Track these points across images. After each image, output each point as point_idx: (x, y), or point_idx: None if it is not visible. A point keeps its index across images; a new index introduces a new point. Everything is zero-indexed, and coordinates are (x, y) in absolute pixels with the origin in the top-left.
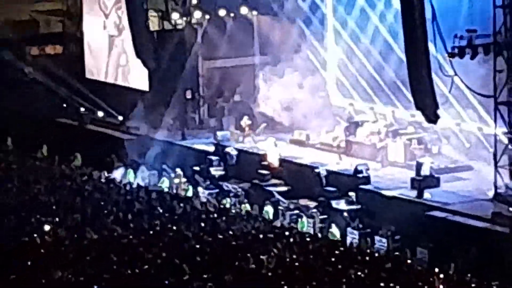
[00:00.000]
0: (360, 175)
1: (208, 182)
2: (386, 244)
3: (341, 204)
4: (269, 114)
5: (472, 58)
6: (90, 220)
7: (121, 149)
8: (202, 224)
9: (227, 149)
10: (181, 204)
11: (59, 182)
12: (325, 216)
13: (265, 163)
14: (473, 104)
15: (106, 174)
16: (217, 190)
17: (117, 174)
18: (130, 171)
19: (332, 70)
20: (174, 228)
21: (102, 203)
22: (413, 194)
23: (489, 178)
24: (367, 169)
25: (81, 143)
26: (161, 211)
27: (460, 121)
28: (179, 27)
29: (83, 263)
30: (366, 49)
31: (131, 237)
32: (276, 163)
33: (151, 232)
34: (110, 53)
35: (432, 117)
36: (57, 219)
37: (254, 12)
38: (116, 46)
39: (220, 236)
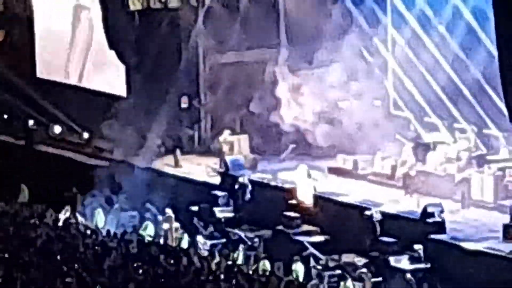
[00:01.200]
0: (431, 220)
1: (211, 229)
2: None
3: (403, 262)
4: (299, 131)
5: None
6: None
7: (86, 179)
8: None
9: (240, 181)
10: (172, 261)
11: None
12: (380, 279)
13: (294, 201)
14: None
15: (64, 215)
16: (223, 240)
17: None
18: (99, 212)
19: (393, 69)
20: None
21: (59, 258)
22: (506, 248)
23: None
24: (441, 212)
25: (29, 171)
26: (141, 270)
27: None
28: (172, 5)
29: None
30: (441, 39)
31: None
32: (309, 202)
33: None
34: (72, 42)
35: None
36: None
37: None
38: (81, 32)
39: None
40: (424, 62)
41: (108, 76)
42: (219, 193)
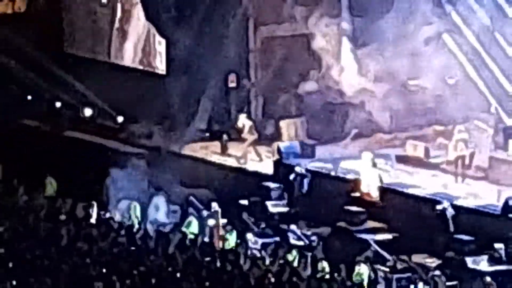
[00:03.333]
0: None
1: (263, 225)
2: None
3: (481, 263)
4: (364, 113)
5: None
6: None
7: (120, 169)
8: None
9: (295, 170)
10: (218, 262)
11: (21, 225)
12: (455, 283)
13: (357, 194)
14: None
15: (95, 211)
16: (277, 239)
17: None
18: (136, 206)
19: (471, 44)
20: None
21: (88, 260)
22: None
23: None
24: None
25: (56, 160)
26: (183, 273)
27: None
28: None
29: None
30: None
31: None
32: (375, 195)
33: None
34: (105, 13)
35: None
36: None
37: None
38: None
39: None
40: (506, 37)
41: (146, 51)
42: (272, 184)
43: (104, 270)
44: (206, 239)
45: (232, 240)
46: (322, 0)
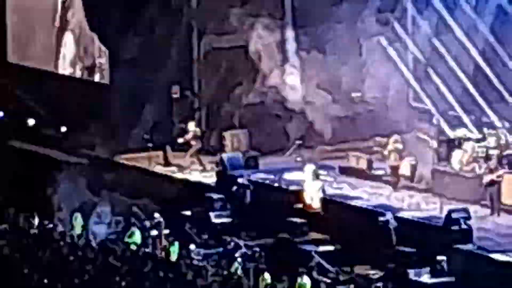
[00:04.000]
0: (455, 228)
1: (205, 236)
2: None
3: (423, 275)
4: (307, 125)
5: None
6: None
7: (64, 179)
8: None
9: (239, 181)
10: (161, 273)
11: None
12: None
13: (300, 205)
14: None
15: (37, 221)
16: (220, 250)
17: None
18: (77, 216)
19: (413, 56)
20: None
21: (27, 270)
22: None
23: None
24: (467, 218)
25: None
26: (125, 284)
27: None
28: None
29: None
30: (468, 21)
31: None
32: (317, 206)
33: None
34: (49, 22)
35: None
36: None
37: None
38: (57, 11)
39: None
40: (450, 49)
41: (89, 62)
42: (215, 195)
43: (45, 281)
44: (149, 250)
45: (174, 251)
46: (266, 11)
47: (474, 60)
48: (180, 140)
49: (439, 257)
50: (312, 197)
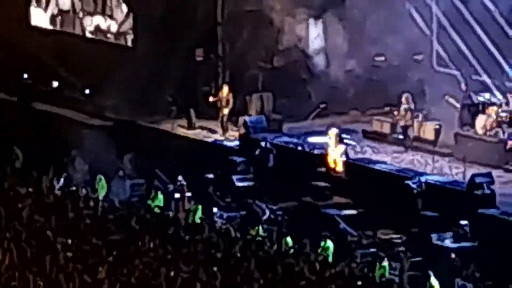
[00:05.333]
0: (479, 192)
1: (228, 199)
2: None
3: (446, 240)
4: (330, 89)
5: None
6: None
7: (87, 141)
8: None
9: (261, 145)
10: (186, 236)
11: None
12: (420, 259)
13: (323, 169)
14: None
15: (60, 183)
16: (243, 213)
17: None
18: (101, 179)
19: (437, 18)
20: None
21: (50, 233)
22: None
23: None
24: (491, 183)
25: (22, 132)
26: (150, 245)
27: None
28: None
29: None
30: None
31: None
32: (340, 170)
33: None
34: None
35: None
36: None
37: None
38: None
39: None
40: (474, 13)
41: (111, 24)
42: (237, 158)
43: (69, 241)
44: (172, 212)
45: (198, 214)
46: None
47: (499, 23)
48: (211, 99)
49: (462, 222)
50: (335, 161)
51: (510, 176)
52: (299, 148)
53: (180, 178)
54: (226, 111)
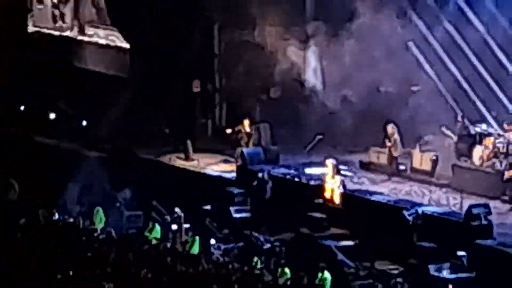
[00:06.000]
0: (476, 223)
1: (226, 231)
2: None
3: (444, 271)
4: (328, 119)
5: None
6: None
7: (84, 173)
8: None
9: (259, 176)
10: (182, 267)
11: None
12: None
13: (320, 200)
14: None
15: (58, 215)
16: (240, 244)
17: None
18: (99, 210)
19: (434, 50)
20: None
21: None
22: None
23: None
24: (488, 213)
25: (19, 163)
26: (146, 277)
27: None
28: None
29: None
30: (489, 15)
31: None
32: (337, 201)
33: None
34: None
35: None
36: None
37: None
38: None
39: None
40: (470, 44)
41: (110, 55)
42: (235, 190)
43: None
44: (169, 244)
45: (195, 246)
46: (287, 4)
47: (495, 54)
48: (229, 131)
49: (459, 253)
50: (333, 192)
51: (507, 207)
52: (296, 179)
53: (177, 209)
54: (249, 143)
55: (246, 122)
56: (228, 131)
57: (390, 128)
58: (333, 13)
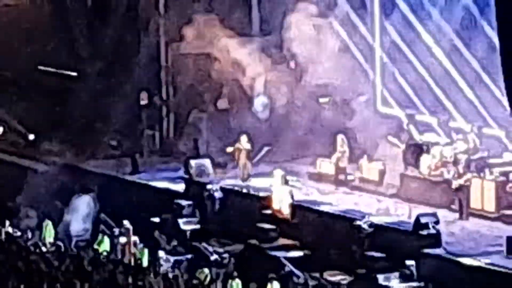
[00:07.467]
0: (424, 232)
1: (174, 243)
2: None
3: (393, 280)
4: (275, 131)
5: None
6: None
7: (30, 186)
8: None
9: (207, 188)
10: (130, 280)
11: None
12: None
13: (269, 211)
14: None
15: (6, 229)
16: (189, 256)
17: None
18: (48, 224)
19: (380, 58)
20: None
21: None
22: (511, 264)
23: None
24: (436, 222)
25: None
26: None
27: None
28: None
29: None
30: (435, 26)
31: None
32: (286, 212)
33: None
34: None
35: None
36: None
37: None
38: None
39: None
40: (417, 52)
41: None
42: (183, 202)
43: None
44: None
45: (144, 258)
46: (232, 19)
47: (441, 63)
48: (229, 149)
49: (408, 262)
50: (281, 203)
51: (455, 215)
52: (244, 190)
53: (125, 222)
54: (246, 160)
55: (243, 139)
56: (229, 149)
57: (339, 139)
58: (279, 29)
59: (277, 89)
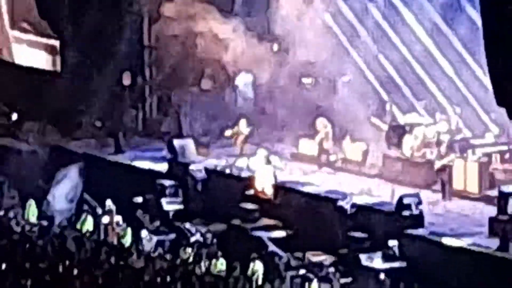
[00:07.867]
0: (407, 213)
1: (157, 223)
2: None
3: (375, 260)
4: (258, 111)
5: None
6: None
7: (13, 166)
8: None
9: (190, 169)
10: (112, 259)
11: None
12: (350, 279)
13: (252, 192)
14: None
15: None
16: (172, 236)
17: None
18: (31, 203)
19: (364, 41)
20: None
21: None
22: (493, 244)
23: None
24: (418, 203)
25: None
26: (78, 270)
27: None
28: None
29: None
30: (418, 7)
31: None
32: (269, 192)
33: None
34: None
35: None
36: None
37: None
38: None
39: None
40: (399, 33)
41: (37, 51)
42: (166, 182)
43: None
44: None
45: (127, 238)
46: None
47: (424, 44)
48: (228, 133)
49: (390, 242)
50: (264, 183)
51: (437, 196)
52: (227, 171)
53: (108, 202)
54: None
55: (243, 123)
56: (228, 133)
57: (322, 121)
58: (263, 8)
59: (261, 68)
